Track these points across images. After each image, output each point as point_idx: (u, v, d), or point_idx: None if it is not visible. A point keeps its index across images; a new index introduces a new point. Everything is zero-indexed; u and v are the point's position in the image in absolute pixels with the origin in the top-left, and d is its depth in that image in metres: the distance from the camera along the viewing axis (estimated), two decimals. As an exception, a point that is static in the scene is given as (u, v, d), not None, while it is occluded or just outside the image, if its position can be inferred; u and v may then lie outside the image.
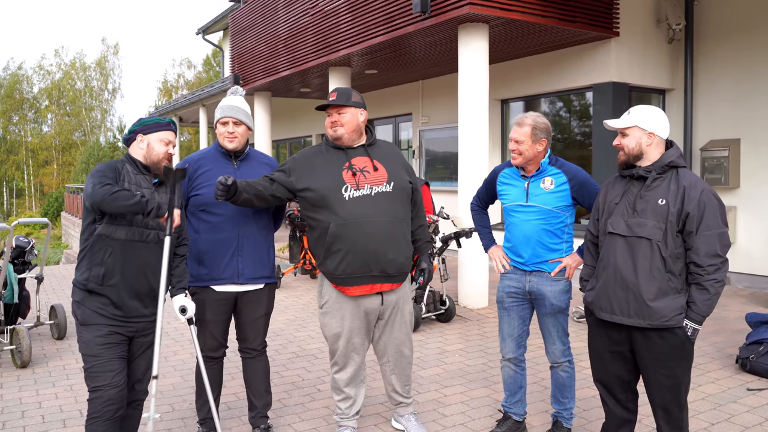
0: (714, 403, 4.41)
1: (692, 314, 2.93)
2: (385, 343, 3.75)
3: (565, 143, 9.42)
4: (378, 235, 3.44)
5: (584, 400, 4.45)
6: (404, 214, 3.60)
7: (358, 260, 3.44)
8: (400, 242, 3.53)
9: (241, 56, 12.90)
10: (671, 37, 8.66)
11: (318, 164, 3.56)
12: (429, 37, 8.10)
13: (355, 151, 3.58)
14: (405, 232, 3.59)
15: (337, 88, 3.58)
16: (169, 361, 5.53)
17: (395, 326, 3.71)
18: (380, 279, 3.52)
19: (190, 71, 48.13)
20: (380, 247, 3.44)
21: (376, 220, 3.45)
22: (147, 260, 3.13)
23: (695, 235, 2.89)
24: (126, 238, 3.06)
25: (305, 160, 3.61)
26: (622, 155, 3.08)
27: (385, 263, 3.48)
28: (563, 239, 3.68)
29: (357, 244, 3.43)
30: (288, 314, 7.32)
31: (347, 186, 3.47)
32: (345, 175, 3.49)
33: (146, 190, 3.14)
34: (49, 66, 47.07)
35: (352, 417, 3.81)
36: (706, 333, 6.17)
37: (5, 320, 5.96)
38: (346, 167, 3.51)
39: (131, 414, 3.35)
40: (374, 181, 3.51)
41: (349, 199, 3.45)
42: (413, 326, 3.82)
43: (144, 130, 3.17)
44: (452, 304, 6.80)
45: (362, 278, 3.49)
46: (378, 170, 3.53)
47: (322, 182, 3.49)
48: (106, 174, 3.00)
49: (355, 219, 3.43)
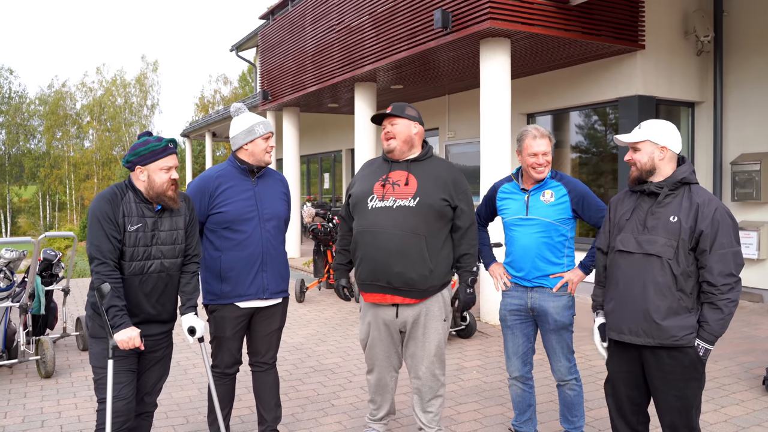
0: (737, 426, 4.28)
1: (704, 334, 2.86)
2: (409, 359, 3.67)
3: (591, 157, 9.31)
4: (388, 246, 3.45)
5: (599, 420, 4.36)
6: (427, 231, 3.47)
7: (368, 268, 3.53)
8: (412, 258, 3.43)
9: (270, 72, 13.09)
10: (700, 49, 8.51)
11: (366, 173, 3.72)
12: (452, 51, 8.11)
13: (398, 165, 3.62)
14: (422, 249, 3.44)
15: (393, 103, 3.70)
16: (188, 374, 5.59)
17: (416, 341, 3.59)
18: (389, 290, 3.51)
19: (227, 87, 48.92)
20: (388, 259, 3.45)
21: (389, 232, 3.46)
22: (151, 289, 3.15)
23: (709, 253, 2.83)
24: (128, 274, 3.10)
25: (361, 169, 3.80)
26: (634, 171, 3.02)
27: (391, 276, 3.46)
28: (564, 253, 3.64)
29: (369, 253, 3.51)
30: (309, 329, 7.35)
31: (373, 196, 3.56)
32: (376, 186, 3.58)
33: (149, 219, 3.14)
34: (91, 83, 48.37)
35: (379, 420, 3.88)
36: (736, 352, 6.00)
37: (33, 331, 6.12)
38: (382, 179, 3.59)
39: (141, 425, 3.39)
40: (400, 194, 3.51)
41: (371, 208, 3.54)
42: (443, 351, 3.66)
43: (141, 161, 3.09)
44: (473, 320, 6.75)
45: (372, 286, 3.55)
46: (409, 185, 3.53)
47: (358, 189, 3.65)
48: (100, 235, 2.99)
49: (370, 228, 3.51)
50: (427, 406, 3.68)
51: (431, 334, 3.58)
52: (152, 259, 3.14)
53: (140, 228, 3.10)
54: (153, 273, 3.15)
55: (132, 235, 3.08)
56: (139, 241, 3.10)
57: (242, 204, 3.60)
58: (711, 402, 4.71)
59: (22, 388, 5.22)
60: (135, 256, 3.10)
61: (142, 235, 3.11)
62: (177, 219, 3.24)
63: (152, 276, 3.15)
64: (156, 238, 3.15)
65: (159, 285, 3.18)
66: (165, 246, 3.18)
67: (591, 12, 7.50)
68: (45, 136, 46.55)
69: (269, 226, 3.66)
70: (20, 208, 47.69)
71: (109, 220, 3.03)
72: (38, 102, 47.41)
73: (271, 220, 3.67)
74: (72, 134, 47.46)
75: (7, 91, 45.98)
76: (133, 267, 3.10)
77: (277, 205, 3.73)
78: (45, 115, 46.56)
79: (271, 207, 3.69)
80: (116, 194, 3.10)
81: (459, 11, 7.20)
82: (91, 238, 3.02)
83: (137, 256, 3.10)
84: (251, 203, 3.63)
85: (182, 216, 3.27)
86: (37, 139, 47.45)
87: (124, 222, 3.07)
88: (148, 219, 3.14)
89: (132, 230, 3.08)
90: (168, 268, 3.20)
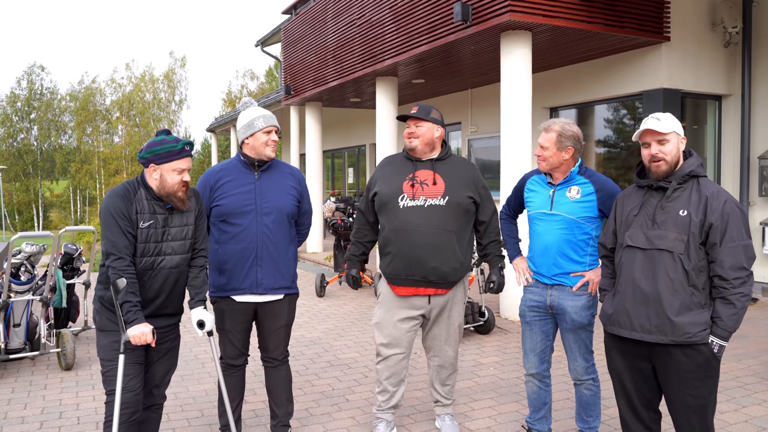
0: (758, 427, 4.18)
1: (718, 330, 2.79)
2: (431, 339, 3.96)
3: (615, 151, 9.16)
4: (422, 243, 3.66)
5: (614, 419, 4.29)
6: (456, 227, 3.72)
7: (402, 264, 3.72)
8: (445, 253, 3.68)
9: (292, 67, 13.12)
10: (727, 41, 8.31)
11: (389, 171, 3.86)
12: (472, 45, 8.03)
13: (422, 164, 3.79)
14: (453, 244, 3.70)
15: (419, 104, 3.84)
16: (205, 368, 5.63)
17: (441, 324, 3.89)
18: (423, 284, 3.75)
19: (253, 82, 49.26)
20: (423, 255, 3.66)
21: (423, 230, 3.67)
22: (160, 284, 3.17)
23: (719, 247, 2.75)
24: (139, 269, 3.11)
25: (382, 167, 3.93)
26: (663, 165, 2.85)
27: (426, 270, 3.68)
28: (587, 252, 3.55)
29: (402, 250, 3.70)
30: (328, 323, 7.36)
31: (404, 195, 3.73)
32: (405, 185, 3.75)
33: (160, 216, 3.16)
34: (121, 79, 48.82)
35: (388, 410, 4.00)
36: (760, 351, 5.87)
37: (55, 324, 6.22)
38: (409, 178, 3.76)
39: (150, 417, 3.42)
40: (430, 194, 3.71)
41: (403, 207, 3.72)
42: (461, 331, 4.01)
43: (156, 159, 3.09)
44: (492, 316, 6.69)
45: (406, 281, 3.76)
46: (437, 184, 3.73)
47: (385, 188, 3.79)
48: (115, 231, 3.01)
49: (405, 227, 3.70)
50: (447, 380, 4.04)
51: (455, 317, 3.91)
52: (163, 255, 3.16)
53: (152, 225, 3.12)
54: (163, 269, 3.16)
55: (144, 231, 3.10)
56: (150, 237, 3.12)
57: (240, 197, 3.60)
58: (732, 402, 4.60)
59: (42, 380, 5.31)
60: (146, 252, 3.11)
61: (153, 231, 3.12)
62: (188, 215, 3.25)
63: (162, 271, 3.17)
64: (167, 235, 3.17)
65: (169, 280, 3.20)
66: (176, 242, 3.19)
67: (614, 3, 7.36)
68: (75, 131, 47.35)
69: (267, 220, 3.63)
70: (52, 203, 48.64)
71: (123, 216, 3.04)
72: (69, 98, 48.23)
73: (271, 214, 3.64)
74: (102, 130, 48.17)
75: (38, 87, 46.86)
76: (144, 263, 3.12)
77: (281, 199, 3.68)
78: (75, 111, 47.35)
79: (272, 201, 3.65)
80: (129, 191, 3.12)
81: (479, 4, 7.12)
82: (106, 234, 3.04)
83: (148, 252, 3.12)
84: (249, 197, 3.61)
85: (192, 212, 3.28)
86: (68, 134, 48.31)
87: (137, 218, 3.09)
88: (159, 216, 3.15)
89: (144, 227, 3.10)
90: (178, 263, 3.21)
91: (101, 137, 48.28)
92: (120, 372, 3.00)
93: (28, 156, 46.01)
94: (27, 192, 45.73)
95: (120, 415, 3.06)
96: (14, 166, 45.04)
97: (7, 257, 5.37)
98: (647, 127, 2.88)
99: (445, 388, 4.05)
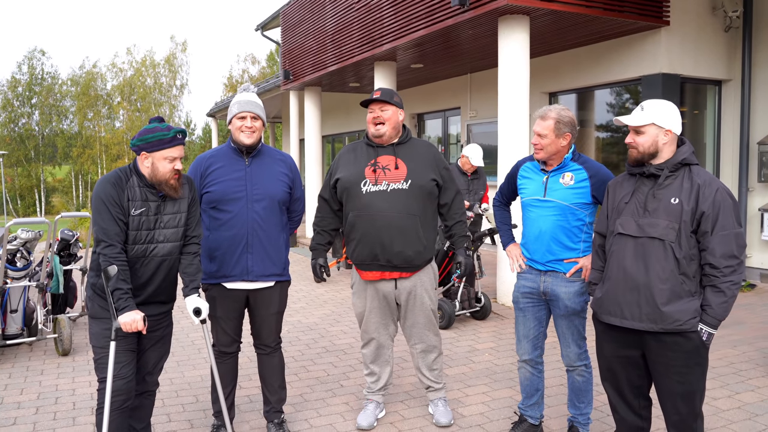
0: (750, 413, 4.19)
1: (707, 318, 2.79)
2: (409, 327, 3.99)
3: (614, 137, 9.12)
4: (386, 227, 3.70)
5: (606, 406, 4.30)
6: (420, 211, 3.77)
7: (366, 249, 3.76)
8: (409, 236, 3.72)
9: (291, 51, 13.06)
10: (728, 25, 8.24)
11: (350, 159, 3.88)
12: (471, 29, 7.97)
13: (383, 150, 3.82)
14: (417, 227, 3.74)
15: (380, 88, 3.83)
16: (201, 353, 5.66)
17: (416, 311, 3.92)
18: (388, 268, 3.79)
19: (255, 67, 49.02)
20: (387, 239, 3.70)
21: (387, 214, 3.70)
22: (153, 272, 3.17)
23: (711, 235, 2.75)
24: (131, 257, 3.11)
25: (343, 155, 3.95)
26: (634, 153, 2.92)
27: (391, 254, 3.73)
28: (581, 238, 3.54)
29: (367, 235, 3.74)
30: (325, 309, 7.38)
31: (366, 181, 3.75)
32: (367, 171, 3.77)
33: (153, 203, 3.15)
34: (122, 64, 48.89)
35: (377, 392, 4.12)
36: (756, 337, 5.87)
37: (53, 310, 6.24)
38: (371, 164, 3.78)
39: (143, 404, 3.43)
40: (392, 178, 3.74)
41: (366, 193, 3.74)
42: (436, 314, 4.08)
43: (148, 147, 3.07)
44: (488, 302, 6.70)
45: (371, 265, 3.80)
46: (399, 168, 3.75)
47: (347, 174, 3.81)
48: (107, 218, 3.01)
49: (368, 212, 3.73)
50: (433, 364, 4.06)
51: (427, 302, 3.93)
52: (155, 243, 3.15)
53: (144, 212, 3.11)
54: (155, 256, 3.16)
55: (135, 219, 3.09)
56: (143, 224, 3.11)
57: (230, 184, 3.58)
58: (725, 388, 4.61)
59: (39, 366, 5.33)
60: (138, 239, 3.11)
61: (145, 219, 3.12)
62: (181, 202, 3.24)
63: (155, 259, 3.16)
64: (159, 222, 3.16)
65: (161, 268, 3.20)
66: (168, 230, 3.18)
67: (613, -13, 7.29)
68: (77, 116, 47.27)
69: (258, 207, 3.61)
70: (54, 188, 48.66)
71: (114, 204, 3.04)
72: (70, 83, 48.09)
73: (262, 201, 3.62)
74: (103, 114, 48.08)
75: (39, 72, 46.72)
76: (136, 250, 3.11)
77: (272, 186, 3.66)
78: (77, 96, 47.24)
79: (263, 188, 3.63)
80: (120, 178, 3.10)
81: (476, -12, 7.05)
82: (97, 221, 3.03)
83: (140, 240, 3.11)
84: (240, 183, 3.60)
85: (186, 199, 3.27)
86: (69, 119, 48.23)
87: (128, 206, 3.08)
88: (151, 203, 3.14)
89: (135, 214, 3.09)
90: (170, 251, 3.21)
91: (102, 122, 48.20)
92: (111, 359, 3.01)
93: (30, 141, 45.97)
94: (29, 177, 45.74)
95: (112, 402, 3.07)
96: (16, 152, 45.02)
97: (2, 243, 5.38)
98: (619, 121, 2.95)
99: (434, 373, 4.08)
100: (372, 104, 3.78)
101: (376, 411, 4.10)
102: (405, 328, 4.02)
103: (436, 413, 4.08)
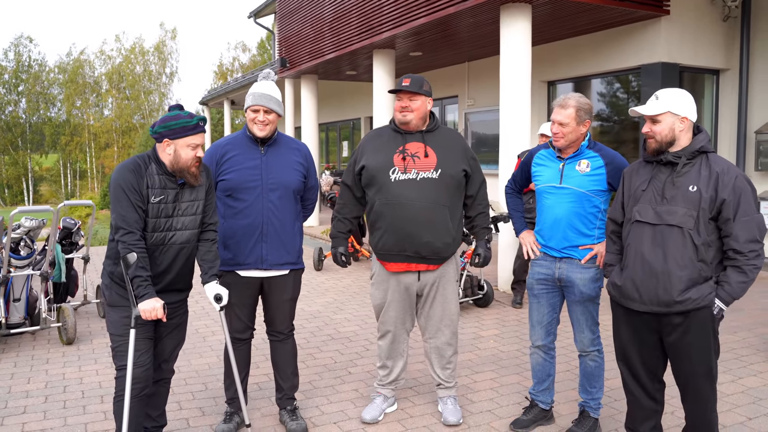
0: (753, 397, 4.26)
1: (723, 293, 2.84)
2: (425, 320, 3.88)
3: (613, 125, 9.16)
4: (415, 218, 3.59)
5: (615, 390, 4.35)
6: (449, 201, 3.67)
7: (393, 239, 3.64)
8: (438, 227, 3.62)
9: (288, 39, 12.99)
10: (726, 15, 8.28)
11: (376, 145, 3.74)
12: (471, 18, 7.97)
13: (412, 136, 3.70)
14: (446, 219, 3.64)
15: (410, 75, 3.68)
16: (207, 341, 5.66)
17: (435, 304, 3.81)
18: (415, 259, 3.67)
19: (245, 54, 48.74)
20: (416, 230, 3.59)
21: (416, 204, 3.59)
22: (171, 260, 3.16)
23: (733, 221, 2.79)
24: (149, 245, 3.10)
25: (368, 140, 3.82)
26: (653, 143, 2.94)
27: (419, 245, 3.62)
28: (596, 225, 3.57)
29: (394, 224, 3.62)
30: (327, 297, 7.39)
31: (395, 168, 3.64)
32: (396, 158, 3.65)
33: (171, 191, 3.13)
34: (110, 51, 48.51)
35: (387, 385, 4.02)
36: (755, 323, 5.95)
37: (55, 298, 6.22)
38: (399, 151, 3.66)
39: (159, 391, 3.44)
40: (422, 166, 3.63)
41: (394, 181, 3.63)
42: (458, 310, 3.94)
43: (171, 134, 3.06)
44: (490, 289, 6.74)
45: (398, 256, 3.69)
46: (428, 156, 3.64)
47: (374, 162, 3.68)
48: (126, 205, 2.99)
49: (397, 200, 3.61)
50: (447, 364, 3.94)
51: (450, 295, 3.82)
52: (174, 231, 3.15)
53: (162, 200, 3.10)
54: (174, 244, 3.16)
55: (154, 206, 3.08)
56: (161, 212, 3.10)
57: (246, 172, 3.58)
58: (728, 373, 4.68)
59: (44, 355, 5.32)
60: (157, 227, 3.10)
61: (164, 207, 3.11)
62: (199, 190, 3.24)
63: (173, 247, 3.16)
64: (177, 210, 3.15)
65: (180, 255, 3.19)
66: (186, 217, 3.18)
67: (614, -24, 7.30)
68: (65, 104, 46.86)
69: (273, 196, 3.61)
70: (42, 177, 48.26)
71: (134, 190, 3.02)
72: (57, 70, 47.62)
73: (277, 190, 3.61)
74: (91, 102, 47.73)
75: (26, 59, 46.23)
76: (155, 238, 3.11)
77: (287, 175, 3.65)
78: (64, 84, 46.80)
79: (278, 177, 3.63)
80: (139, 165, 3.09)
81: (479, -24, 7.04)
82: (116, 208, 3.02)
83: (159, 227, 3.11)
84: (256, 172, 3.59)
85: (203, 186, 3.27)
86: (57, 107, 47.78)
87: (148, 193, 3.07)
88: (170, 191, 3.13)
89: (155, 202, 3.08)
90: (189, 239, 3.21)
91: (91, 110, 47.82)
92: (131, 347, 3.01)
93: (17, 129, 45.53)
94: (16, 166, 45.33)
95: (131, 389, 3.08)
96: (2, 140, 44.59)
97: (6, 232, 5.34)
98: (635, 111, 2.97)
99: (446, 372, 3.96)
100: (401, 92, 3.65)
101: (383, 405, 4.03)
102: (420, 318, 3.90)
103: (445, 411, 3.96)
